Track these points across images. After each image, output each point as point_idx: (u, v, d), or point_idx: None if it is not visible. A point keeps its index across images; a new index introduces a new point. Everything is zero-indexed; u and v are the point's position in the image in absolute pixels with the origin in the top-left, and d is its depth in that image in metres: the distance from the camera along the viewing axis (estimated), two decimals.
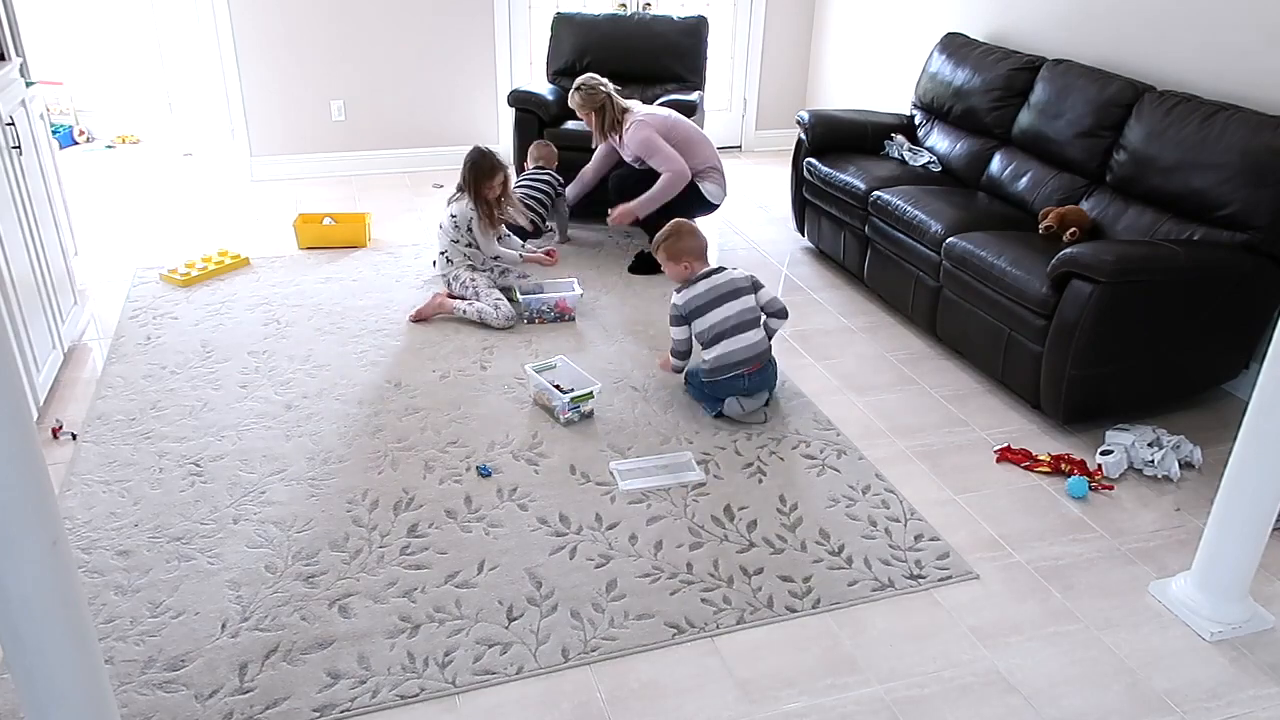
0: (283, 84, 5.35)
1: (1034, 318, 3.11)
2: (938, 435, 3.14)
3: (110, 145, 6.15)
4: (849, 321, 3.97)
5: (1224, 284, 3.04)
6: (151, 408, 3.13)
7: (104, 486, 2.72)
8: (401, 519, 2.62)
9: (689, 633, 2.26)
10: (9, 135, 3.07)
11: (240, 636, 2.20)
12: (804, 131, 4.53)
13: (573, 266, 4.34)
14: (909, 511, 2.73)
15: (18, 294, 2.93)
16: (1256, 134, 3.06)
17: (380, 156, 5.64)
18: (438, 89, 5.62)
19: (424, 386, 3.30)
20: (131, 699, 2.03)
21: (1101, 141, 3.61)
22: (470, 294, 3.82)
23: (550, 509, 2.68)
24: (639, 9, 5.86)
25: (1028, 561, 2.56)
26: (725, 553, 2.53)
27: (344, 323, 3.76)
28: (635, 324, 3.84)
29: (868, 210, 4.02)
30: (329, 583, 2.38)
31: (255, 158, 5.47)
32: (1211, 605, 2.33)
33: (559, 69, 5.17)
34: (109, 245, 4.50)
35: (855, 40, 5.75)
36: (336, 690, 2.07)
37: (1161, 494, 2.87)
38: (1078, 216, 3.49)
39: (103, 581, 2.35)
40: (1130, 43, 3.76)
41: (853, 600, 2.39)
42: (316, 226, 4.53)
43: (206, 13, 5.10)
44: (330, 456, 2.89)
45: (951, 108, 4.36)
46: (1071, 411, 3.10)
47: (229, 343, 3.57)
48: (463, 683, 2.10)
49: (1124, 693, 2.15)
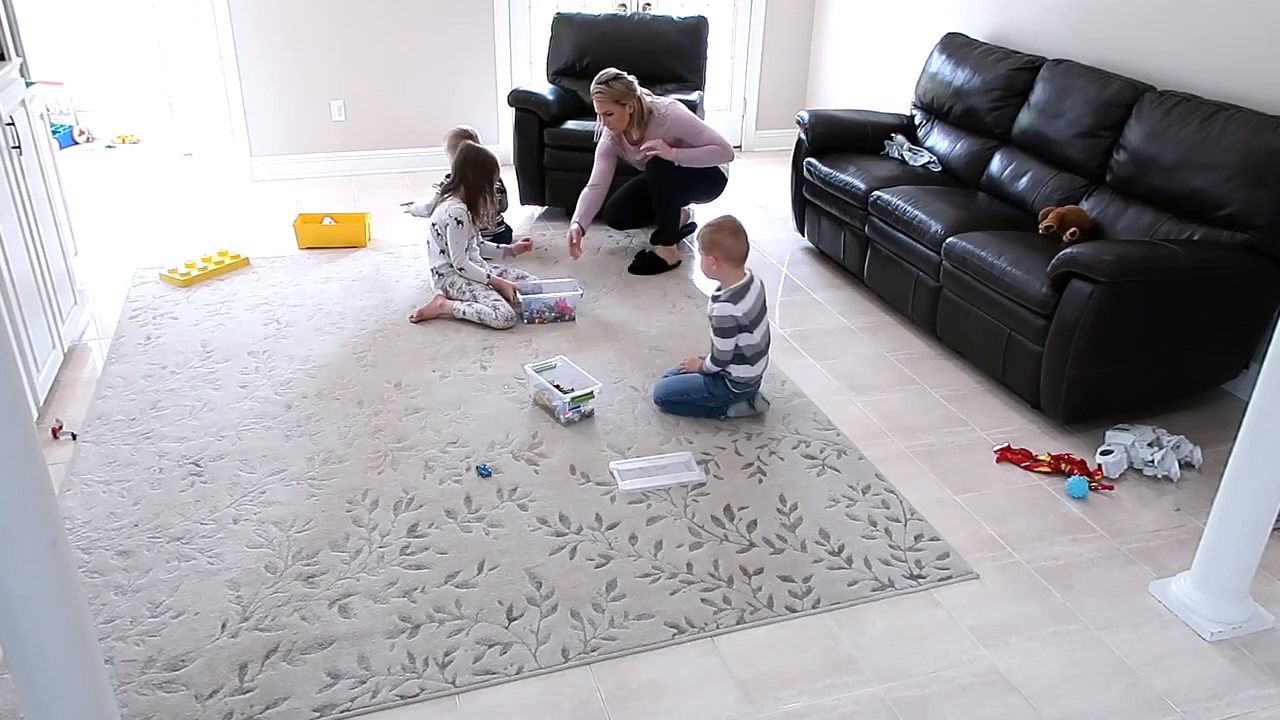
0: (283, 84, 5.35)
1: (1034, 318, 3.11)
2: (938, 435, 3.14)
3: (110, 145, 6.15)
4: (849, 321, 3.97)
5: (1224, 284, 3.04)
6: (151, 408, 3.13)
7: (104, 486, 2.72)
8: (401, 519, 2.62)
9: (689, 633, 2.26)
10: (9, 135, 3.07)
11: (240, 636, 2.20)
12: (804, 131, 4.53)
13: (573, 266, 4.34)
14: (909, 511, 2.73)
15: (18, 294, 2.93)
16: (1256, 134, 3.06)
17: (380, 156, 5.64)
18: (438, 89, 5.62)
19: (424, 386, 3.30)
20: (131, 699, 2.03)
21: (1101, 141, 3.61)
22: (468, 297, 3.82)
23: (550, 509, 2.68)
24: (639, 9, 5.86)
25: (1028, 561, 2.56)
26: (725, 553, 2.53)
27: (344, 323, 3.76)
28: (635, 324, 3.84)
29: (868, 210, 4.02)
30: (329, 583, 2.38)
31: (255, 158, 5.47)
32: (1211, 605, 2.33)
33: (559, 69, 5.18)
34: (109, 245, 4.50)
35: (855, 40, 5.75)
36: (336, 690, 2.07)
37: (1161, 494, 2.87)
38: (1078, 216, 3.49)
39: (103, 581, 2.35)
40: (1130, 43, 3.76)
41: (853, 600, 2.39)
42: (316, 226, 4.54)
43: (206, 13, 5.10)
44: (330, 456, 2.89)
45: (951, 108, 4.36)
46: (1071, 411, 3.10)
47: (229, 343, 3.57)
48: (463, 683, 2.10)
49: (1124, 693, 2.15)
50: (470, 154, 3.89)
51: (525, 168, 4.89)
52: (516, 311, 3.79)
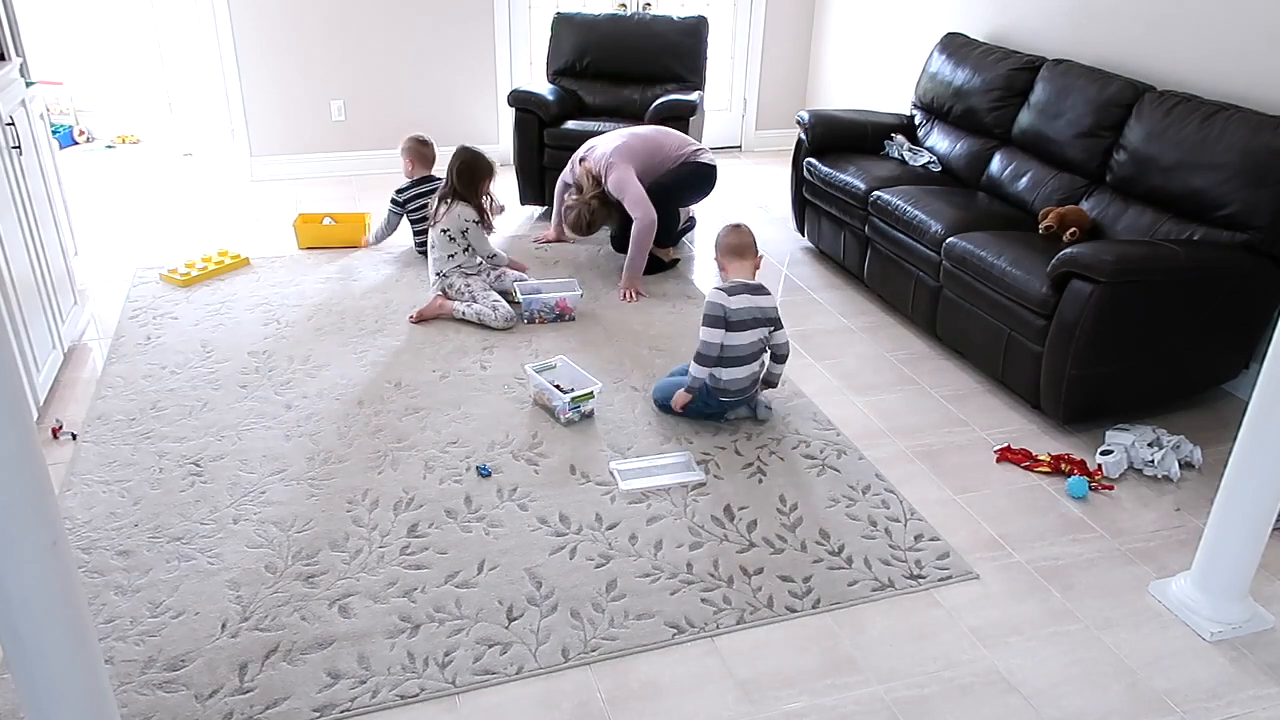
0: (283, 84, 5.35)
1: (1034, 318, 3.11)
2: (938, 435, 3.14)
3: (110, 145, 6.15)
4: (849, 321, 3.97)
5: (1224, 284, 3.04)
6: (151, 408, 3.13)
7: (104, 486, 2.72)
8: (401, 519, 2.62)
9: (689, 633, 2.26)
10: (9, 135, 3.07)
11: (240, 636, 2.20)
12: (804, 131, 4.53)
13: (573, 266, 4.34)
14: (909, 511, 2.73)
15: (18, 294, 2.93)
16: (1256, 134, 3.06)
17: (380, 156, 5.64)
18: (438, 89, 5.62)
19: (424, 386, 3.30)
20: (131, 699, 2.03)
21: (1101, 141, 3.61)
22: (466, 298, 3.81)
23: (550, 509, 2.68)
24: (639, 9, 5.86)
25: (1028, 561, 2.56)
26: (725, 553, 2.53)
27: (344, 323, 3.76)
28: (635, 324, 3.84)
29: (868, 210, 4.02)
30: (329, 583, 2.38)
31: (255, 158, 5.47)
32: (1211, 605, 2.33)
33: (559, 69, 5.18)
34: (109, 245, 4.50)
35: (855, 40, 5.75)
36: (336, 690, 2.07)
37: (1161, 494, 2.87)
38: (1078, 216, 3.49)
39: (103, 581, 2.35)
40: (1130, 43, 3.76)
41: (853, 600, 2.39)
42: (316, 226, 4.53)
43: (206, 13, 5.10)
44: (330, 456, 2.89)
45: (951, 108, 4.36)
46: (1071, 411, 3.10)
47: (229, 343, 3.57)
48: (463, 683, 2.10)
49: (1124, 693, 2.15)
50: (465, 158, 3.82)
51: (525, 168, 4.89)
52: (516, 311, 3.79)
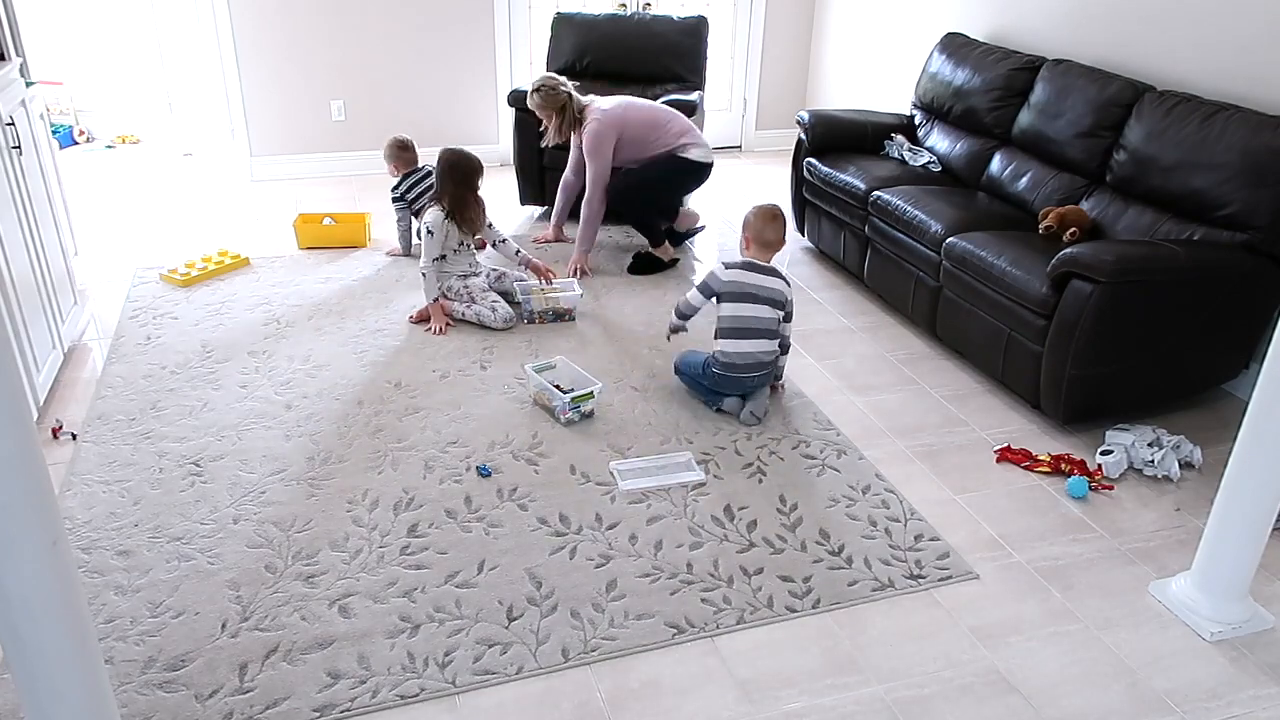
0: (283, 84, 5.35)
1: (1034, 318, 3.11)
2: (938, 435, 3.15)
3: (110, 145, 6.15)
4: (849, 321, 3.97)
5: (1224, 284, 3.04)
6: (151, 408, 3.13)
7: (104, 486, 2.72)
8: (401, 519, 2.62)
9: (689, 633, 2.26)
10: (9, 135, 3.07)
11: (240, 636, 2.20)
12: (804, 131, 4.53)
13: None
14: (909, 511, 2.73)
15: (18, 294, 2.93)
16: (1256, 134, 3.06)
17: (380, 157, 5.62)
18: (438, 89, 5.61)
19: (424, 386, 3.30)
20: (131, 699, 2.03)
21: (1101, 141, 3.61)
22: (465, 299, 3.81)
23: (550, 509, 2.68)
24: (639, 9, 5.86)
25: (1028, 561, 2.56)
26: (725, 553, 2.53)
27: (344, 323, 3.76)
28: (635, 324, 3.84)
29: (868, 210, 4.02)
30: (329, 583, 2.38)
31: (255, 158, 5.47)
32: (1211, 605, 2.33)
33: (559, 69, 5.16)
34: (109, 245, 4.50)
35: (855, 40, 5.75)
36: (336, 690, 2.07)
37: (1161, 494, 2.87)
38: (1078, 216, 3.49)
39: (103, 581, 2.35)
40: (1130, 43, 3.76)
41: (853, 600, 2.39)
42: (316, 226, 4.54)
43: (206, 13, 5.10)
44: (330, 456, 2.89)
45: (951, 108, 4.36)
46: (1071, 411, 3.10)
47: (229, 343, 3.57)
48: (463, 683, 2.10)
49: (1124, 693, 2.15)
50: (448, 158, 3.75)
51: (525, 168, 4.89)
52: (516, 311, 3.78)
